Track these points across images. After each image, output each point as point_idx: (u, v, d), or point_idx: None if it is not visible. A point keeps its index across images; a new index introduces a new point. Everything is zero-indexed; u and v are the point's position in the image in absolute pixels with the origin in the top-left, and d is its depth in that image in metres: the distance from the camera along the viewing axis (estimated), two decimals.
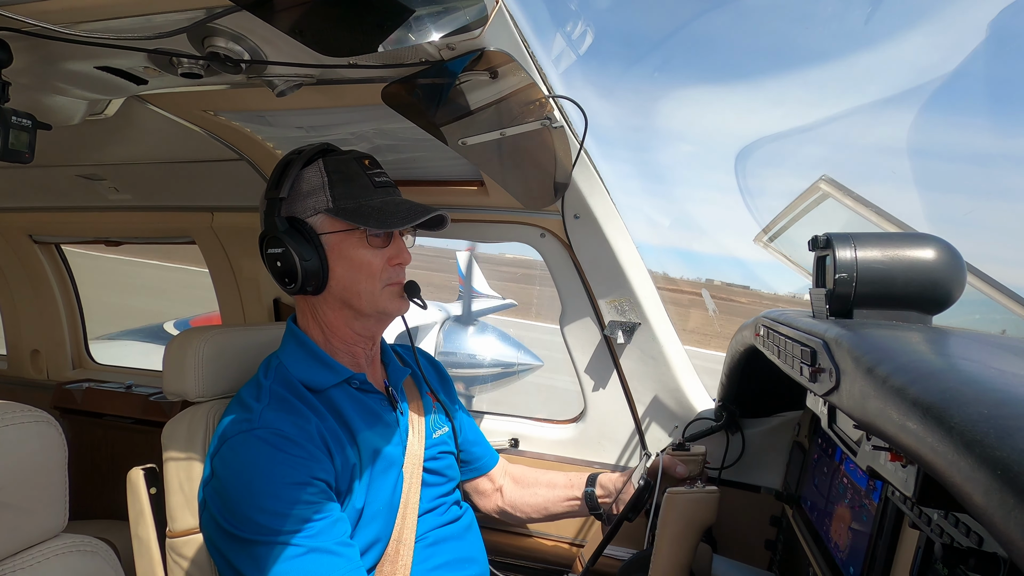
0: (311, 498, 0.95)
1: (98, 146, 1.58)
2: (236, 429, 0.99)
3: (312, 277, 1.08)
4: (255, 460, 0.96)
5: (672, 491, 1.09)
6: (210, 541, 1.00)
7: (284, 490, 0.94)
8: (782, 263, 1.50)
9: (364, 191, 1.09)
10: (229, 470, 0.96)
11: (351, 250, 1.09)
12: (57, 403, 2.39)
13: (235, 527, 0.94)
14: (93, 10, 0.82)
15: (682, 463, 1.30)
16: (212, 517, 0.97)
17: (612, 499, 1.35)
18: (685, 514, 1.07)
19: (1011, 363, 0.61)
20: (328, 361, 1.12)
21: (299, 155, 1.10)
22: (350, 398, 1.11)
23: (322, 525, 0.95)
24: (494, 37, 0.93)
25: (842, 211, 1.30)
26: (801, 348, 0.85)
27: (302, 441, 0.99)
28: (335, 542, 0.95)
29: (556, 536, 1.71)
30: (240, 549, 0.94)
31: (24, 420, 0.75)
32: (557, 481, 1.44)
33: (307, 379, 1.09)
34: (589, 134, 1.28)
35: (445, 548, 1.16)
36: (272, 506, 0.93)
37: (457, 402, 1.42)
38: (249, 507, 0.93)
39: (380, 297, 1.11)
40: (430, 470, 1.18)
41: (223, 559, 0.97)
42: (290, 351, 1.13)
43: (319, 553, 0.93)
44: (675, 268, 14.88)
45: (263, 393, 1.05)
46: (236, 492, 0.95)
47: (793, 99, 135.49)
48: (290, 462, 0.96)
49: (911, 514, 0.76)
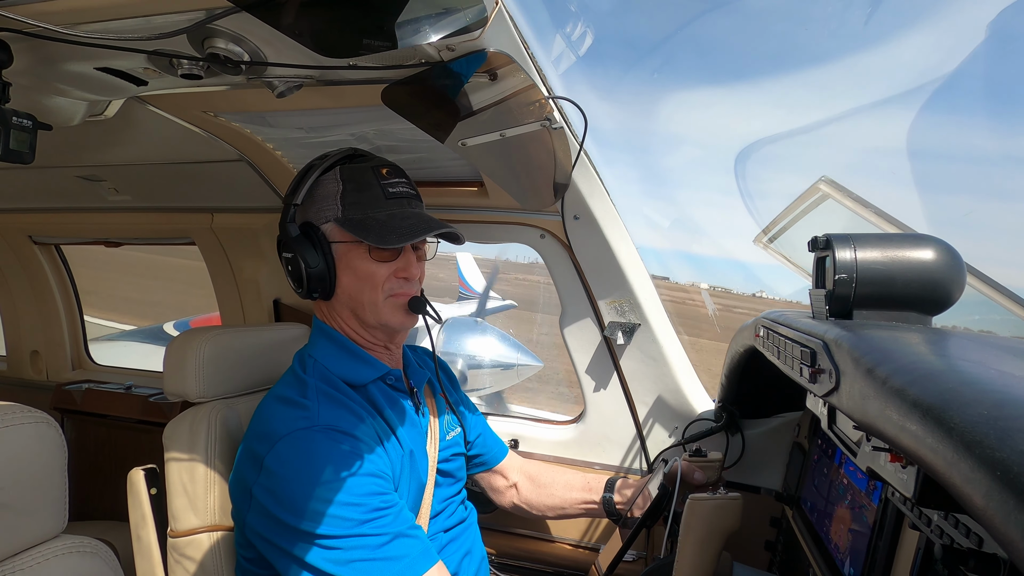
0: (379, 488, 0.97)
1: (98, 147, 1.58)
2: (293, 426, 0.98)
3: (319, 284, 1.08)
4: (322, 455, 0.96)
5: (695, 497, 1.07)
6: (263, 541, 0.98)
7: (356, 483, 0.94)
8: (782, 264, 1.50)
9: (374, 202, 1.08)
10: (289, 467, 0.95)
11: (356, 261, 1.09)
12: (57, 404, 2.39)
13: (304, 523, 0.92)
14: (93, 11, 0.82)
15: (700, 469, 1.30)
16: (268, 515, 0.95)
17: (629, 505, 1.35)
18: (709, 520, 1.05)
19: (1011, 364, 0.61)
20: (365, 356, 1.12)
21: (323, 160, 1.11)
22: (385, 396, 1.12)
23: (395, 511, 0.96)
24: (494, 38, 0.93)
25: (842, 212, 1.30)
26: (801, 349, 0.85)
27: (361, 436, 1.00)
28: (408, 526, 0.97)
29: (565, 539, 1.71)
30: (311, 544, 0.92)
31: (24, 421, 0.75)
32: (574, 483, 1.44)
33: (346, 375, 1.09)
34: (589, 135, 1.28)
35: (452, 548, 1.17)
36: (347, 499, 0.93)
37: (464, 400, 1.43)
38: (321, 502, 0.92)
39: (382, 309, 1.10)
40: (443, 472, 1.19)
41: (283, 555, 0.95)
42: (322, 347, 1.12)
43: (401, 538, 0.94)
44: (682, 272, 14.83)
45: (310, 391, 1.04)
46: (303, 488, 0.93)
47: (793, 100, 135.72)
48: (354, 454, 0.97)
49: (911, 515, 0.76)
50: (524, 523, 1.74)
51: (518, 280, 18.01)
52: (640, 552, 1.60)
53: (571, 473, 1.48)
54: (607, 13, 19.25)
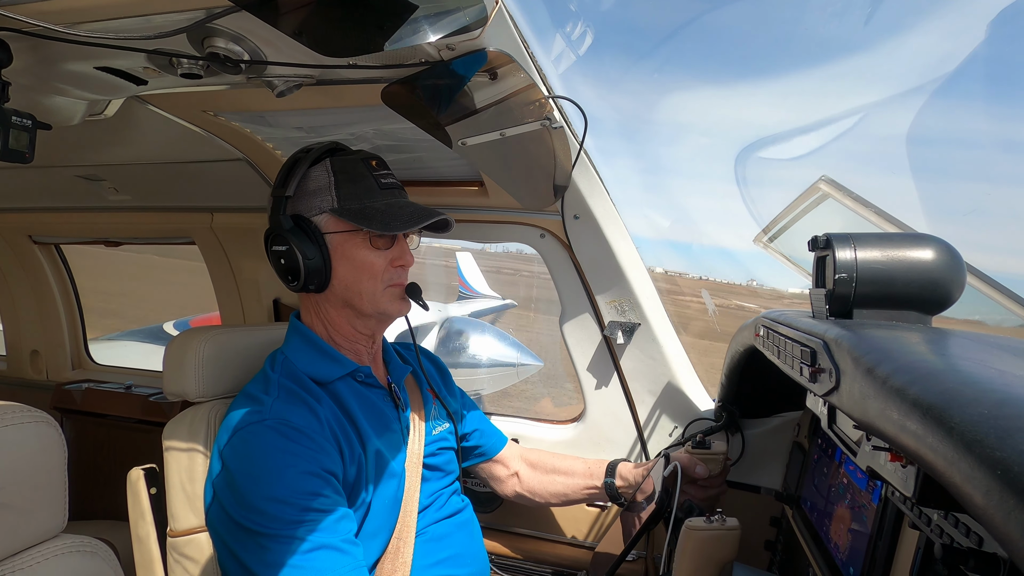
0: (321, 490, 0.96)
1: (98, 146, 1.58)
2: (247, 420, 0.99)
3: (315, 275, 1.09)
4: (266, 450, 0.96)
5: (690, 525, 1.01)
6: (217, 535, 0.99)
7: (295, 480, 0.94)
8: (781, 263, 1.50)
9: (369, 192, 1.10)
10: (240, 460, 0.96)
11: (354, 251, 1.09)
12: (57, 404, 2.39)
13: (245, 518, 0.93)
14: (93, 10, 0.82)
15: (701, 463, 1.27)
16: (222, 509, 0.97)
17: (633, 489, 1.35)
18: (704, 552, 1.01)
19: (1011, 363, 0.61)
20: (333, 354, 1.13)
21: (307, 153, 1.10)
22: (355, 392, 1.12)
23: (330, 520, 0.95)
24: (494, 37, 0.93)
25: (842, 211, 1.30)
26: (801, 348, 0.85)
27: (312, 433, 0.99)
28: (342, 539, 0.95)
29: (565, 539, 1.71)
30: (248, 540, 0.93)
31: (24, 420, 0.75)
32: (576, 469, 1.44)
33: (313, 372, 1.09)
34: (589, 135, 1.28)
35: (446, 544, 1.16)
36: (283, 495, 0.93)
37: (458, 393, 1.43)
38: (259, 497, 0.93)
39: (381, 298, 1.12)
40: (429, 466, 1.19)
41: (229, 553, 0.97)
42: (295, 346, 1.13)
43: (327, 550, 0.92)
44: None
45: (271, 386, 1.05)
46: (247, 482, 0.94)
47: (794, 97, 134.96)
48: (301, 452, 0.97)
49: (911, 514, 0.76)
50: (524, 523, 1.74)
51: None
52: (640, 552, 1.60)
53: (572, 459, 1.49)
54: (607, 12, 18.94)
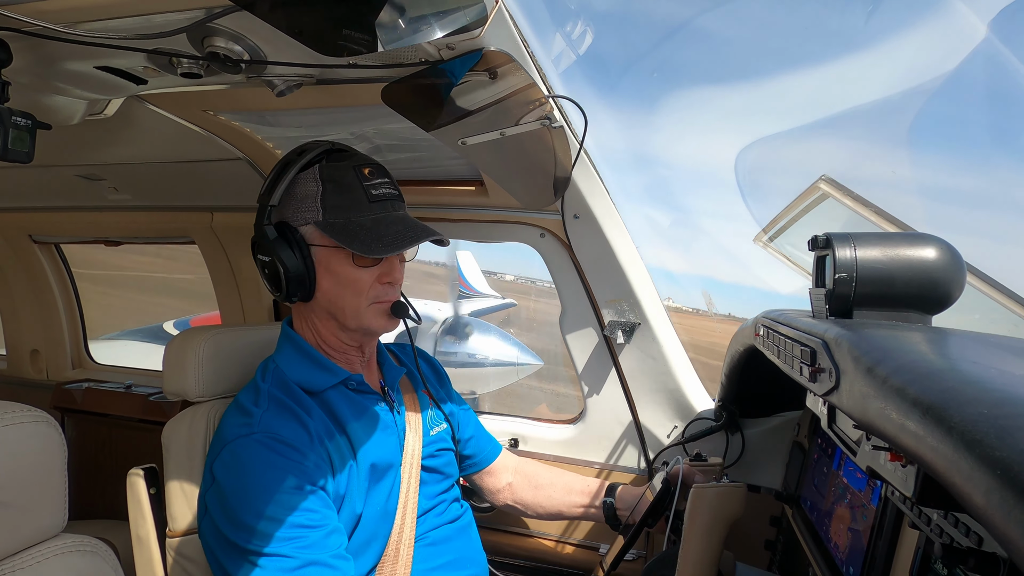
0: (309, 504, 0.94)
1: (98, 146, 1.57)
2: (235, 433, 0.98)
3: (298, 287, 1.05)
4: (255, 465, 0.95)
5: (699, 486, 1.09)
6: (209, 550, 0.98)
7: (282, 495, 0.93)
8: (781, 263, 1.50)
9: (357, 205, 1.05)
10: (229, 475, 0.95)
11: (338, 266, 1.06)
12: (57, 403, 2.39)
13: (235, 535, 0.92)
14: (93, 10, 0.82)
15: (700, 473, 1.30)
16: (213, 524, 0.96)
17: (630, 511, 1.35)
18: (713, 508, 1.07)
19: (1011, 363, 0.61)
20: (324, 362, 1.11)
21: (299, 156, 1.07)
22: (347, 400, 1.10)
23: (319, 535, 0.94)
24: (494, 37, 0.93)
25: (841, 211, 1.30)
26: (801, 348, 0.85)
27: (300, 446, 0.98)
28: (331, 554, 0.94)
29: (566, 539, 1.71)
30: (239, 558, 0.92)
31: (24, 420, 0.75)
32: (573, 486, 1.43)
33: (304, 381, 1.07)
34: (589, 135, 1.28)
35: (445, 548, 1.16)
36: (270, 512, 0.92)
37: (455, 397, 1.41)
38: (247, 513, 0.92)
39: (365, 314, 1.08)
40: (428, 468, 1.18)
41: (221, 569, 0.96)
42: (286, 354, 1.11)
43: (315, 566, 0.91)
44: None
45: (261, 398, 1.03)
46: (236, 499, 0.93)
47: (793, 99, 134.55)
48: (289, 467, 0.95)
49: (911, 514, 0.76)
50: (524, 523, 1.74)
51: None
52: (640, 551, 1.60)
53: (570, 476, 1.47)
54: (607, 12, 18.96)
